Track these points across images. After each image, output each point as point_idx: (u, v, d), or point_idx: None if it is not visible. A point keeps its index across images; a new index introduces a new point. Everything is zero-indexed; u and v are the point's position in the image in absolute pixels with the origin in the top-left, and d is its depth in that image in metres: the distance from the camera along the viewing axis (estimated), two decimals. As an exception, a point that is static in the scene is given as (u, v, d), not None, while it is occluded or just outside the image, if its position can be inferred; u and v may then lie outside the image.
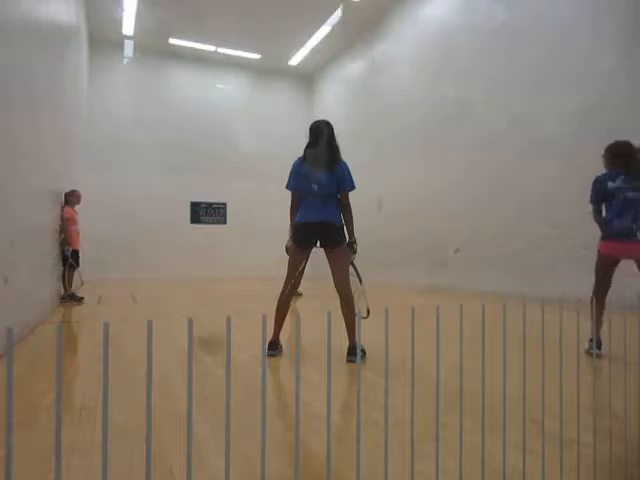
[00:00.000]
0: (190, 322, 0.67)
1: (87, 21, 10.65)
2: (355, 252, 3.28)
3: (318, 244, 3.31)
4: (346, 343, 3.16)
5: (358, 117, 11.93)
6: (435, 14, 9.23)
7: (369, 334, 3.57)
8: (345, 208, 3.27)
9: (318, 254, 3.44)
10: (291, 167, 3.37)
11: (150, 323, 0.64)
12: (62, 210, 6.50)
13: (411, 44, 9.92)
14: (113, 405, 2.09)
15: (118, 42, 11.85)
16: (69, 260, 6.44)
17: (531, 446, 1.30)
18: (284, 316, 3.31)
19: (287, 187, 3.37)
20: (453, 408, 1.93)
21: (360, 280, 3.38)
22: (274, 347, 3.25)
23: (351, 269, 3.37)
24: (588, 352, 3.08)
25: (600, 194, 3.46)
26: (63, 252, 6.44)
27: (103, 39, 11.66)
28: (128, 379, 2.61)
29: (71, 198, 6.68)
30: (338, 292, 3.24)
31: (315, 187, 3.20)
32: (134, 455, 1.63)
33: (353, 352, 3.10)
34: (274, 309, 3.32)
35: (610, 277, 3.38)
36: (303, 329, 4.10)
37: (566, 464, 1.29)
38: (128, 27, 11.12)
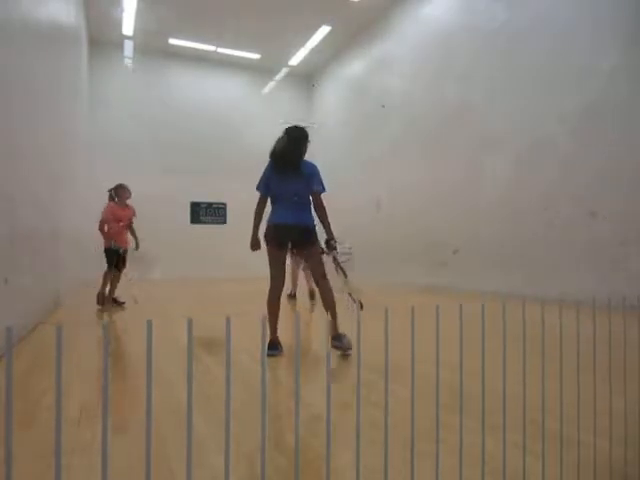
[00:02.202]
0: (190, 322, 0.67)
1: (87, 21, 10.64)
2: (335, 249, 3.37)
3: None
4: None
5: (358, 117, 11.93)
6: (435, 14, 9.23)
7: (369, 334, 3.56)
8: (319, 209, 3.36)
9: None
10: (263, 170, 3.45)
11: (150, 323, 0.64)
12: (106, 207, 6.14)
13: (411, 44, 9.92)
14: (113, 405, 2.09)
15: (118, 42, 11.84)
16: (114, 260, 6.05)
17: (531, 446, 1.30)
18: (277, 315, 3.39)
19: (257, 189, 3.45)
20: (453, 408, 1.92)
21: (345, 275, 3.46)
22: (274, 347, 3.28)
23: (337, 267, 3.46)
24: None
25: None
26: (109, 251, 6.08)
27: (103, 39, 11.66)
28: (128, 379, 2.61)
29: (117, 192, 6.22)
30: (317, 284, 3.34)
31: (285, 190, 3.31)
32: (134, 455, 1.63)
33: (337, 338, 3.18)
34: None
35: None
36: (303, 330, 4.10)
37: (566, 464, 1.29)
38: (128, 27, 11.12)
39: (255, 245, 3.54)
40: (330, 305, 3.29)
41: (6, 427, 0.55)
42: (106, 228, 6.07)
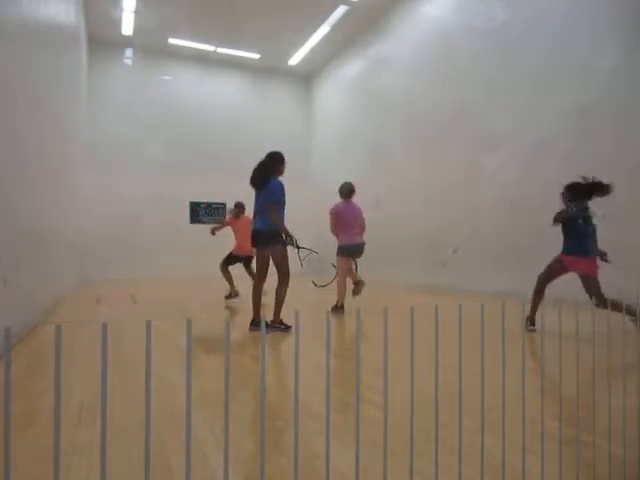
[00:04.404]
0: (189, 322, 0.67)
1: (87, 21, 10.64)
2: (291, 244, 4.14)
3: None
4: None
5: (357, 117, 11.93)
6: (435, 14, 9.23)
7: (369, 333, 3.57)
8: (267, 216, 4.11)
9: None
10: None
11: (149, 323, 0.63)
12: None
13: (411, 44, 9.92)
14: (112, 405, 2.09)
15: (118, 42, 11.84)
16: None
17: (531, 446, 1.30)
18: (259, 300, 4.23)
19: None
20: (453, 408, 1.92)
21: (302, 265, 4.45)
22: (257, 324, 4.09)
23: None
24: (526, 329, 3.86)
25: None
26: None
27: (103, 39, 11.65)
28: (128, 379, 2.61)
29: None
30: (278, 276, 4.17)
31: (256, 203, 4.28)
32: (133, 455, 1.63)
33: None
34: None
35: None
36: (302, 330, 4.12)
37: (565, 464, 1.29)
38: (127, 27, 11.11)
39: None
40: (278, 298, 4.12)
41: (5, 427, 0.55)
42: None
